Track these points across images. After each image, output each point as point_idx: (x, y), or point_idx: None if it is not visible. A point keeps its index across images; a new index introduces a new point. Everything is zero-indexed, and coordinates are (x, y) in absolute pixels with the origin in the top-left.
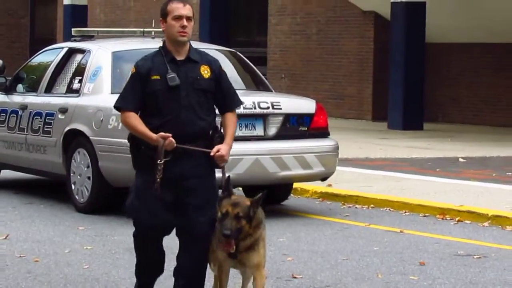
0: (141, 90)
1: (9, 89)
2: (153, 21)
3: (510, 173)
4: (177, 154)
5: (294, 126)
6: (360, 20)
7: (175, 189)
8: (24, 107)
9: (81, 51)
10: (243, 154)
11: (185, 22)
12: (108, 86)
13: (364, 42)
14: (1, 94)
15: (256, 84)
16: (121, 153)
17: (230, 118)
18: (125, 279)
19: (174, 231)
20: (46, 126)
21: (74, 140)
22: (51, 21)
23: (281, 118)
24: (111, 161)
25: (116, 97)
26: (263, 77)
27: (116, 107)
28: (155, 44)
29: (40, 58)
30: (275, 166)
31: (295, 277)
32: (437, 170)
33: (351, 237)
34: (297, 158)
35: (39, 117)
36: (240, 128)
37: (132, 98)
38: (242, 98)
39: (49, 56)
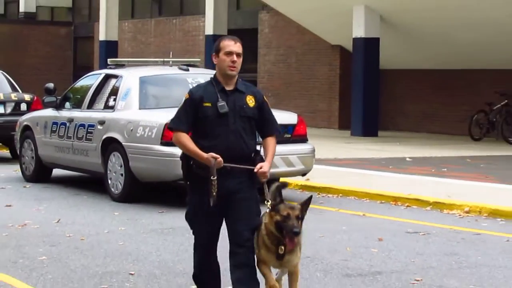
0: (193, 114)
1: (59, 106)
2: (171, 53)
3: (445, 169)
4: (224, 172)
5: (281, 134)
6: (329, 52)
7: (223, 202)
8: (71, 120)
9: (115, 76)
10: None
11: (235, 58)
12: (136, 103)
13: (332, 69)
14: (53, 110)
15: None
16: (147, 156)
17: (271, 141)
18: (151, 253)
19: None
20: (88, 134)
21: (110, 145)
22: (89, 53)
23: None
24: (139, 162)
25: (142, 112)
26: None
27: (170, 127)
28: (172, 70)
29: (83, 81)
30: None
31: None
32: (390, 167)
33: (325, 219)
34: (283, 158)
35: (82, 127)
36: None
37: (185, 121)
38: None
39: (90, 80)
